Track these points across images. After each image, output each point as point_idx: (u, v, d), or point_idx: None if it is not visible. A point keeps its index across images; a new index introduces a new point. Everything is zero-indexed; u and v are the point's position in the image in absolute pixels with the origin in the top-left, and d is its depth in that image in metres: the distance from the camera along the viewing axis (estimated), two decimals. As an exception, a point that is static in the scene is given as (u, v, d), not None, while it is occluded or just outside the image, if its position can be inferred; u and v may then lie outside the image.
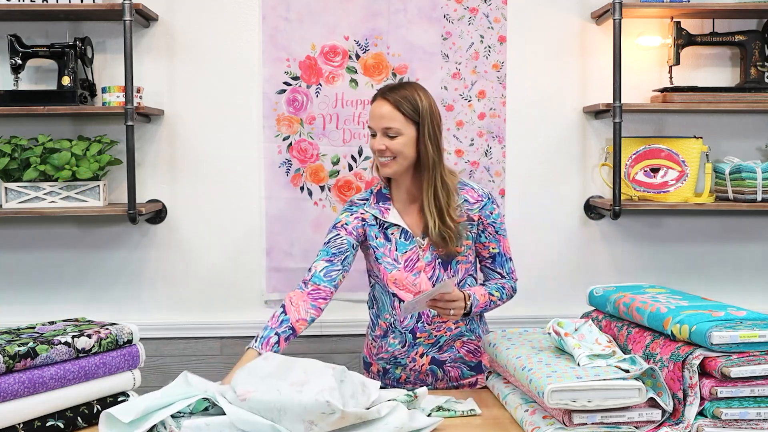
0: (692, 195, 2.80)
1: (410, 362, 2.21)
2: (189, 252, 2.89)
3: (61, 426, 1.58)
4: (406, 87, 2.11)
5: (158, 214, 2.86)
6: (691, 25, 2.85)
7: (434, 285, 2.11)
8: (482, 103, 2.87)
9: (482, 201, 2.16)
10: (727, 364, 1.45)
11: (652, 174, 2.80)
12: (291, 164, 2.86)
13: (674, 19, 2.78)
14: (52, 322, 1.76)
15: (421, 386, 1.93)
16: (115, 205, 2.77)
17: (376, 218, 2.17)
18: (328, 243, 2.14)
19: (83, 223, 2.87)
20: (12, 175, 2.66)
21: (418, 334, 2.17)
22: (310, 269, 2.11)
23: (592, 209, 2.93)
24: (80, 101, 2.67)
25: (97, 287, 2.88)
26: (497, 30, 2.87)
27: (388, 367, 2.25)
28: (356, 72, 2.85)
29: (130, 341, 1.73)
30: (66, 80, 2.68)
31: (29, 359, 1.52)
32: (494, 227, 2.18)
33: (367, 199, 2.20)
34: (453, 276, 2.15)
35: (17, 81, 2.70)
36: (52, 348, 1.56)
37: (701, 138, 2.81)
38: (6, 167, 2.63)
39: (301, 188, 2.87)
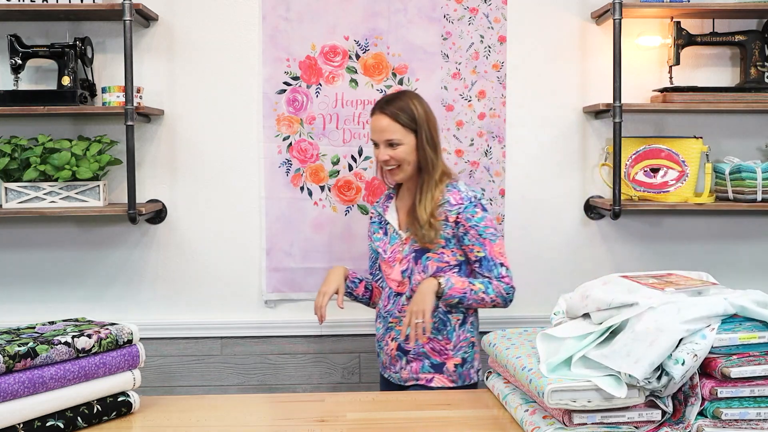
0: (692, 195, 2.80)
1: (385, 345, 2.33)
2: (189, 252, 2.89)
3: (61, 426, 1.58)
4: (401, 98, 2.28)
5: (158, 214, 2.86)
6: (691, 25, 2.85)
7: (403, 278, 2.30)
8: (482, 103, 2.87)
9: (462, 204, 2.24)
10: (727, 364, 1.45)
11: (652, 174, 2.80)
12: (291, 164, 2.86)
13: (674, 19, 2.78)
14: (52, 322, 1.76)
15: (396, 372, 2.29)
16: (115, 205, 2.77)
17: (380, 215, 2.41)
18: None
19: (83, 223, 2.87)
20: (12, 175, 2.66)
21: (390, 319, 2.32)
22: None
23: (592, 209, 2.93)
24: (80, 101, 2.66)
25: (96, 287, 2.88)
26: (497, 30, 2.87)
27: (378, 351, 2.39)
28: (356, 72, 2.85)
29: (130, 341, 1.73)
30: (66, 80, 2.68)
31: (29, 359, 1.52)
32: (476, 230, 2.23)
33: (379, 200, 2.46)
34: (423, 272, 2.27)
35: (17, 81, 2.70)
36: (52, 348, 1.56)
37: (701, 138, 2.81)
38: (6, 167, 2.63)
39: (301, 188, 2.87)
